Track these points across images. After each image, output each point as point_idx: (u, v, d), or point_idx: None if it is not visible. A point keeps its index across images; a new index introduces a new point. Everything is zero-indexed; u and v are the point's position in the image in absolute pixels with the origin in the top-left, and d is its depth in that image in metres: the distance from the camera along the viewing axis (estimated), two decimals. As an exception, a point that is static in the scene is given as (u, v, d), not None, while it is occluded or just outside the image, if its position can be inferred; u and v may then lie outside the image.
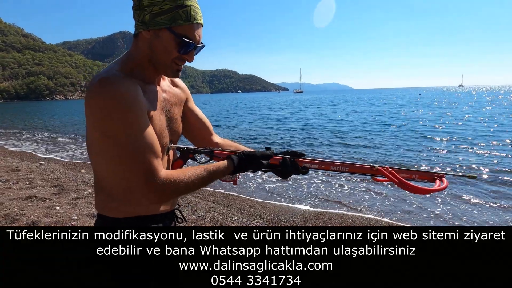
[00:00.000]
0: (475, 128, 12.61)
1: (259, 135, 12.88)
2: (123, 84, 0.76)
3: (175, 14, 0.79)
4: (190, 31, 0.82)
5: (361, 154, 8.57)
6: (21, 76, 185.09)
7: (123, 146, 0.75)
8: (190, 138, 1.13)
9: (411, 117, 17.92)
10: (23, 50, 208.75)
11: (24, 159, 7.95)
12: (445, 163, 7.25)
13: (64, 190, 4.71)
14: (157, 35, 0.82)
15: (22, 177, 5.49)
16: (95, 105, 0.74)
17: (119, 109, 0.74)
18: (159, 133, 0.88)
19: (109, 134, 0.75)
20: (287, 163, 0.94)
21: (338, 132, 12.62)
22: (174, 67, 0.87)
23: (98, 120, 0.75)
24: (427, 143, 9.82)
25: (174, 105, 1.00)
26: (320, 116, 20.07)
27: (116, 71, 0.80)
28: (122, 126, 0.74)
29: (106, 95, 0.74)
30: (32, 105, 67.44)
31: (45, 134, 14.56)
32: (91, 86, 0.76)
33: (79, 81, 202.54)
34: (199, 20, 0.84)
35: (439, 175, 0.94)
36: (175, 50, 0.83)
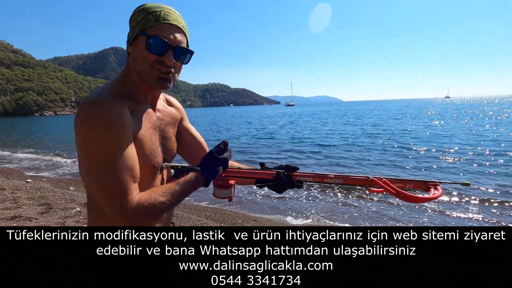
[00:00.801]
0: (462, 139, 12.92)
1: (245, 149, 12.78)
2: (107, 106, 0.77)
3: (145, 19, 0.84)
4: (160, 30, 0.83)
5: (351, 168, 8.61)
6: (9, 92, 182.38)
7: (99, 167, 0.75)
8: (184, 156, 1.13)
9: (398, 129, 18.27)
10: (12, 66, 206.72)
11: (10, 177, 7.72)
12: (435, 173, 7.37)
13: (51, 209, 4.57)
14: (135, 46, 0.86)
15: (8, 196, 5.31)
16: (80, 126, 0.76)
17: (99, 130, 0.75)
18: (149, 153, 0.88)
19: (88, 155, 0.76)
20: (281, 177, 0.94)
21: (325, 146, 12.61)
22: (156, 73, 0.85)
23: (82, 140, 0.77)
24: (415, 154, 10.00)
25: (168, 124, 1.01)
26: (310, 130, 20.19)
27: (105, 93, 0.82)
28: (100, 147, 0.75)
29: (90, 117, 0.75)
30: (21, 121, 66.13)
31: (32, 150, 14.23)
32: (79, 108, 0.78)
33: (69, 97, 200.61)
34: (172, 22, 0.85)
35: (433, 184, 0.94)
36: (147, 50, 0.83)
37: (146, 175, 0.88)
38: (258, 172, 0.99)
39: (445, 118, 26.21)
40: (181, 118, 1.10)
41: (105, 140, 0.75)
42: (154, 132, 0.92)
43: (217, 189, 0.95)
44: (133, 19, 0.87)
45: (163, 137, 0.97)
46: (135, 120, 0.85)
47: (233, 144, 14.60)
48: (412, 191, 0.93)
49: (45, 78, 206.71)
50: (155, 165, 0.91)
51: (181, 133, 1.09)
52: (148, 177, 0.90)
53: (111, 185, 0.75)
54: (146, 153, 0.87)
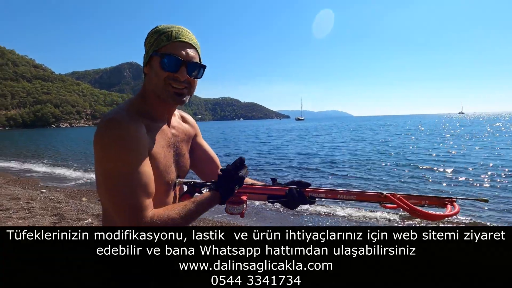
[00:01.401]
0: (475, 157, 12.55)
1: (253, 163, 12.49)
2: (124, 125, 0.80)
3: (158, 40, 0.88)
4: (172, 48, 0.87)
5: (359, 184, 8.34)
6: (28, 105, 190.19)
7: (115, 184, 0.78)
8: (198, 172, 1.15)
9: (409, 145, 17.92)
10: (33, 80, 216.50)
11: (26, 186, 7.92)
12: (450, 189, 7.14)
13: (64, 219, 4.64)
14: (150, 66, 0.90)
15: (23, 206, 5.44)
16: (99, 143, 0.80)
17: (116, 149, 0.78)
18: (163, 170, 0.90)
19: (106, 171, 0.79)
20: (294, 194, 0.94)
21: (334, 161, 12.19)
22: (170, 90, 0.88)
23: (100, 157, 0.80)
24: (427, 171, 9.72)
25: (183, 141, 1.03)
26: (318, 145, 19.93)
27: (123, 111, 0.85)
28: (116, 164, 0.78)
29: (108, 135, 0.79)
30: (39, 133, 68.39)
31: (48, 161, 14.62)
32: (99, 126, 0.82)
33: (85, 109, 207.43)
34: (183, 39, 0.88)
35: (450, 200, 0.91)
36: (161, 68, 0.86)
37: (159, 192, 0.90)
38: (270, 188, 0.99)
39: (459, 134, 25.53)
40: (195, 135, 1.12)
41: (121, 158, 0.78)
42: (168, 150, 0.94)
43: (230, 205, 0.95)
44: (147, 41, 0.91)
45: (177, 153, 0.98)
46: (150, 138, 0.88)
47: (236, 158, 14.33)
48: (427, 208, 0.92)
49: (63, 91, 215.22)
50: (169, 182, 0.93)
51: (195, 149, 1.11)
52: (161, 194, 0.91)
53: (126, 201, 0.77)
54: (160, 170, 0.89)
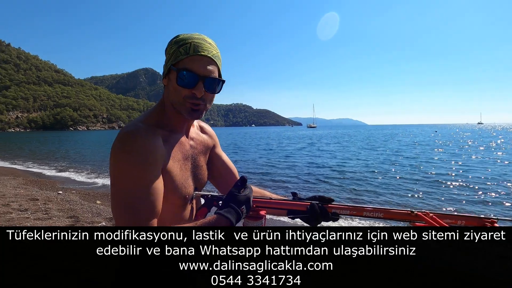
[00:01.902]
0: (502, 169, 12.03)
1: (260, 171, 12.09)
2: (138, 138, 0.79)
3: (176, 52, 0.85)
4: (190, 63, 0.83)
5: (372, 198, 7.89)
6: (49, 108, 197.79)
7: (121, 197, 0.78)
8: (215, 184, 1.12)
9: (425, 156, 17.39)
10: (54, 84, 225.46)
11: (44, 187, 8.19)
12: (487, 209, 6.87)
13: (78, 222, 4.76)
14: (169, 79, 0.87)
15: (40, 207, 5.62)
16: (113, 155, 0.79)
17: (128, 163, 0.77)
18: (180, 184, 0.89)
19: (114, 183, 0.79)
20: (316, 210, 0.90)
21: (344, 172, 11.63)
22: (187, 105, 0.86)
23: (112, 168, 0.79)
24: (447, 186, 9.32)
25: (201, 152, 1.02)
26: (329, 154, 19.43)
27: (140, 123, 0.85)
28: (125, 179, 0.77)
29: (121, 148, 0.78)
30: (60, 135, 70.60)
31: (66, 163, 15.08)
32: (117, 137, 0.81)
33: (102, 113, 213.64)
34: (202, 52, 0.84)
35: (490, 220, 0.85)
36: (178, 84, 0.84)
37: (175, 206, 0.89)
38: (291, 203, 0.95)
39: (480, 146, 24.52)
40: (214, 145, 1.10)
41: (131, 173, 0.77)
42: (185, 162, 0.93)
43: (248, 220, 0.92)
44: (167, 52, 0.89)
45: (194, 166, 0.97)
46: (167, 150, 0.86)
47: (248, 165, 14.21)
48: None
49: (81, 95, 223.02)
50: (186, 197, 0.91)
51: (213, 161, 1.08)
52: (178, 208, 0.91)
53: (127, 216, 0.77)
54: (177, 184, 0.88)
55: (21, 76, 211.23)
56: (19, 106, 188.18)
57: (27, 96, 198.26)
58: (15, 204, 5.77)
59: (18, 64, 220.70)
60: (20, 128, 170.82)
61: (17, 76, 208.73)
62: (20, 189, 7.51)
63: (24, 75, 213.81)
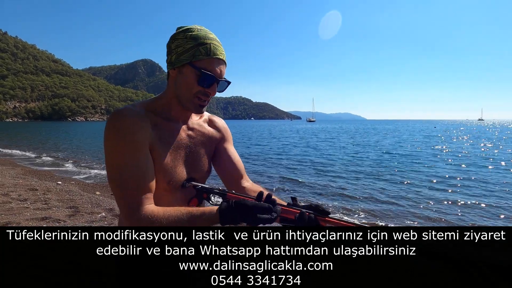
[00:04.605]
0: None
1: (252, 168, 11.17)
2: (125, 117, 0.83)
3: (195, 50, 0.86)
4: (210, 65, 0.87)
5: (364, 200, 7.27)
6: (47, 98, 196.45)
7: (113, 175, 0.81)
8: (221, 178, 1.11)
9: (425, 153, 17.25)
10: (52, 74, 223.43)
11: (43, 178, 8.16)
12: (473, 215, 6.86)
13: (78, 212, 4.75)
14: (180, 72, 0.89)
15: (40, 197, 5.61)
16: (104, 134, 0.83)
17: (114, 140, 0.81)
18: (166, 169, 0.90)
19: (106, 159, 0.83)
20: (304, 219, 0.80)
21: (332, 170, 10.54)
22: (197, 102, 0.91)
23: (104, 146, 0.83)
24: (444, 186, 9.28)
25: (200, 143, 1.02)
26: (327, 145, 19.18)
27: (133, 106, 0.89)
28: (112, 156, 0.81)
29: (108, 126, 0.83)
30: (57, 125, 70.27)
31: (65, 154, 15.04)
32: (108, 117, 0.85)
33: (100, 104, 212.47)
34: (220, 56, 0.88)
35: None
36: (196, 83, 0.87)
37: (160, 190, 0.89)
38: (284, 208, 0.84)
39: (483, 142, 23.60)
40: (222, 139, 1.09)
41: (117, 149, 0.81)
42: (178, 150, 0.94)
43: None
44: (178, 44, 0.87)
45: (190, 155, 0.97)
46: (156, 134, 0.89)
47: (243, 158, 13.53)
48: None
49: (79, 86, 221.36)
50: (171, 182, 0.91)
51: (220, 154, 1.08)
52: (163, 192, 0.90)
53: (120, 193, 0.80)
54: (163, 167, 0.89)
55: (18, 65, 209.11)
56: (17, 96, 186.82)
57: (24, 86, 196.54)
58: (14, 194, 5.75)
59: (15, 53, 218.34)
60: (18, 118, 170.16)
61: (15, 66, 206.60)
62: (19, 179, 7.49)
63: (22, 65, 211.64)
